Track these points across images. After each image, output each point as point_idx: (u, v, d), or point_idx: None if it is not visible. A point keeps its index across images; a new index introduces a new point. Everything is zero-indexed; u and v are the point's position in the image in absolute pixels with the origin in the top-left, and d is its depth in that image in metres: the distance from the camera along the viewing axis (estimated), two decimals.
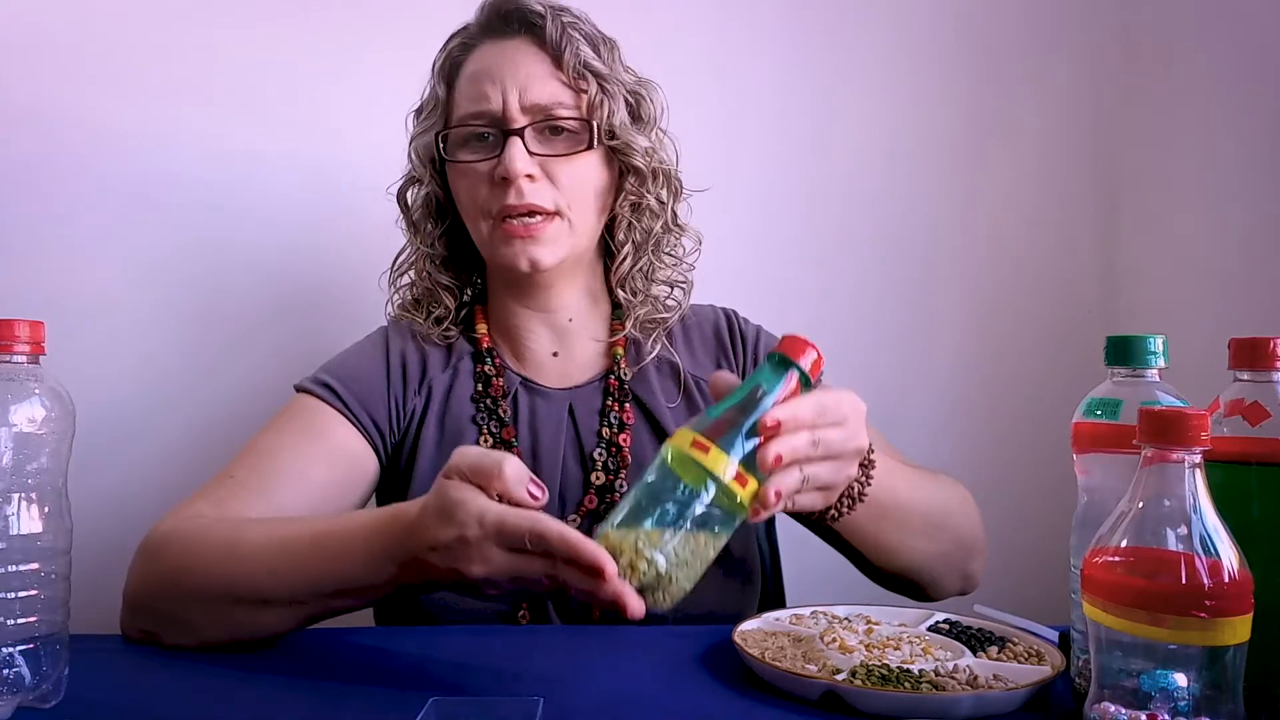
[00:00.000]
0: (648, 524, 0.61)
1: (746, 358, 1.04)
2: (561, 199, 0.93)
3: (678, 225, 1.02)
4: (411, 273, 1.03)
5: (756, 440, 0.63)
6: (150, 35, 1.32)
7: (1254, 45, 1.27)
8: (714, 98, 1.45)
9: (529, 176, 0.91)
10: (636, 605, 0.60)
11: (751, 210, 1.47)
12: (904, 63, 1.50)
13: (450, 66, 0.98)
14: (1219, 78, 1.34)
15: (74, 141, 1.31)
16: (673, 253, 1.03)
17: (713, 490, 0.62)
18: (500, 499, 0.64)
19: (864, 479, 0.80)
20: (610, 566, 0.59)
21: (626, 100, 0.96)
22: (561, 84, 0.93)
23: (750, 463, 0.63)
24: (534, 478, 0.65)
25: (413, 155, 1.00)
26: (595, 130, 0.93)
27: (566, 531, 0.61)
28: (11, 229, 1.29)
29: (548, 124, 0.93)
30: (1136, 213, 1.50)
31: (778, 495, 0.64)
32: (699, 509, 0.61)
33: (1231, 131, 1.31)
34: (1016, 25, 1.52)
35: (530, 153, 0.91)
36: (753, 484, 0.63)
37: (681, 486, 0.61)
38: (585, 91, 0.94)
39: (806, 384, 0.67)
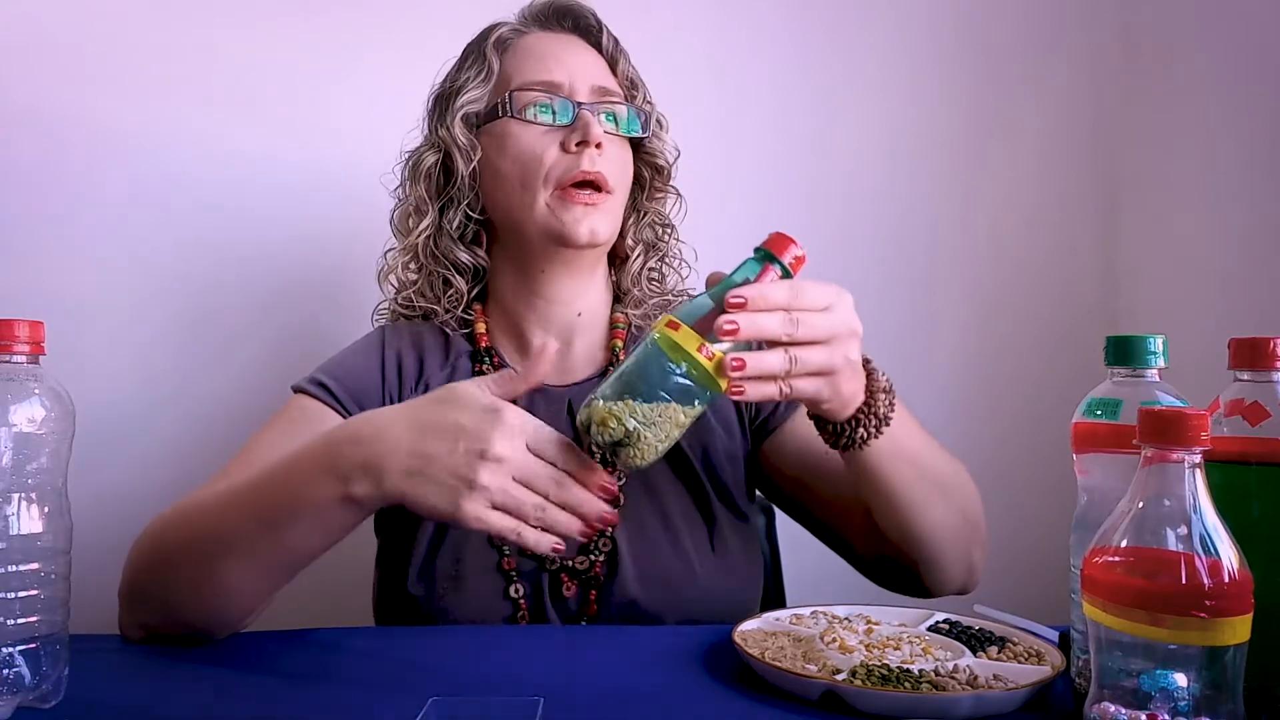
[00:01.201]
0: (627, 394, 0.67)
1: None
2: (616, 179, 0.96)
3: (674, 232, 1.08)
4: (421, 256, 1.01)
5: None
6: (150, 35, 1.32)
7: (1254, 45, 1.27)
8: (713, 97, 1.45)
9: (598, 146, 0.94)
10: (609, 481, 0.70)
11: (751, 210, 1.47)
12: (904, 63, 1.50)
13: (502, 45, 1.00)
14: (1219, 78, 1.34)
15: (74, 141, 1.31)
16: (672, 252, 1.08)
17: (683, 365, 0.67)
18: None
19: (888, 402, 0.80)
20: (613, 486, 0.70)
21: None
22: (617, 84, 1.00)
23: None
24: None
25: (457, 125, 0.97)
26: (647, 121, 1.00)
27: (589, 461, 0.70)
28: (11, 229, 1.29)
29: (610, 107, 0.97)
30: (1136, 213, 1.50)
31: (739, 363, 0.67)
32: (672, 381, 0.67)
33: (1231, 131, 1.31)
34: (1016, 25, 1.52)
35: None
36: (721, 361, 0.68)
37: (657, 362, 0.67)
38: (634, 99, 1.01)
39: (788, 277, 0.70)
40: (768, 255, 0.70)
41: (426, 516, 0.73)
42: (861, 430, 0.79)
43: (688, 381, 0.67)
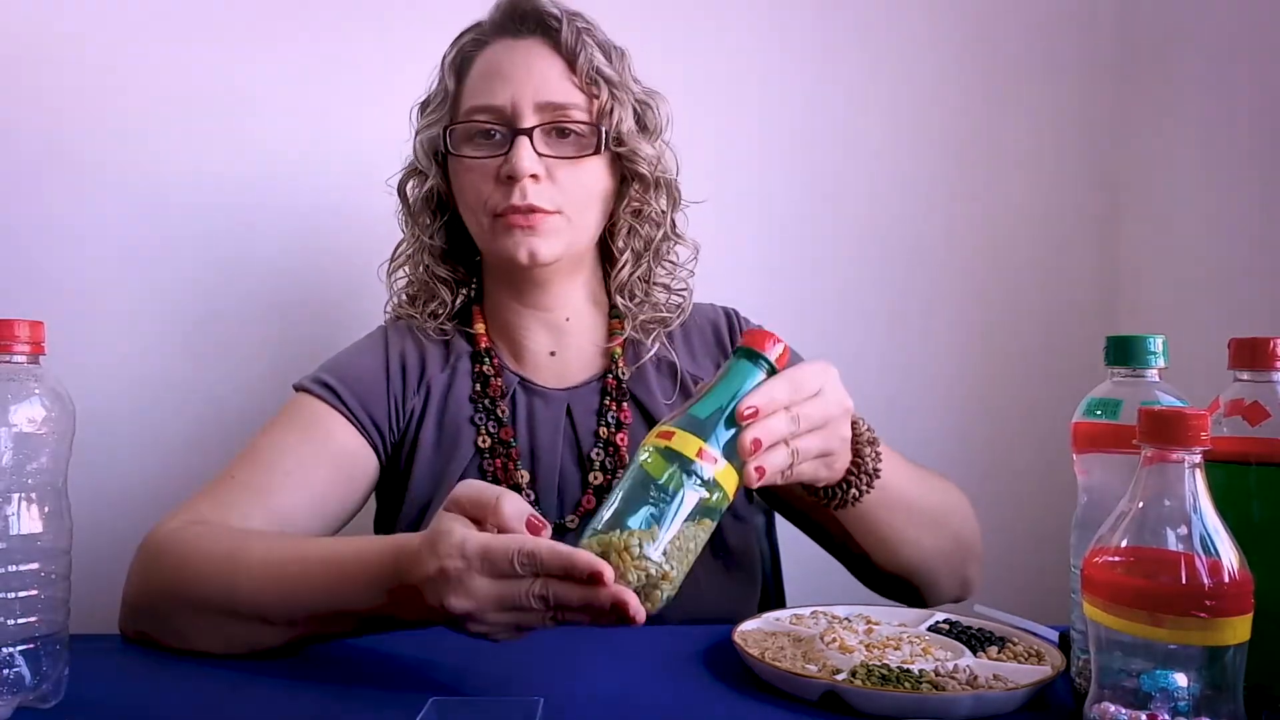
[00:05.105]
0: (634, 524, 0.61)
1: None
2: (563, 200, 0.93)
3: (676, 234, 1.03)
4: (408, 266, 1.03)
5: (734, 430, 0.65)
6: (154, 35, 1.32)
7: (1253, 46, 1.27)
8: (711, 100, 1.45)
9: (534, 176, 0.91)
10: (638, 606, 0.60)
11: (747, 213, 1.47)
12: (902, 64, 1.50)
13: (461, 61, 0.98)
14: (1218, 78, 1.34)
15: (75, 141, 1.31)
16: (672, 260, 1.04)
17: (691, 481, 0.62)
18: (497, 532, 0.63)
19: (874, 455, 0.80)
20: (608, 570, 0.59)
21: (634, 109, 0.97)
22: (574, 87, 0.94)
23: (730, 451, 0.64)
24: (535, 513, 0.65)
25: (418, 148, 0.99)
26: (603, 135, 0.94)
27: (556, 545, 0.60)
28: (12, 229, 1.29)
29: (556, 125, 0.93)
30: (1136, 213, 1.50)
31: (759, 472, 0.66)
32: (681, 502, 0.62)
33: (1231, 132, 1.31)
34: (1016, 25, 1.52)
35: (538, 153, 0.92)
36: (731, 470, 0.64)
37: (661, 482, 0.62)
38: (597, 97, 0.94)
39: (772, 374, 0.69)
40: (754, 355, 0.68)
41: None
42: (853, 490, 0.80)
43: (698, 500, 0.62)
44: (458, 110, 0.97)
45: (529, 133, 0.92)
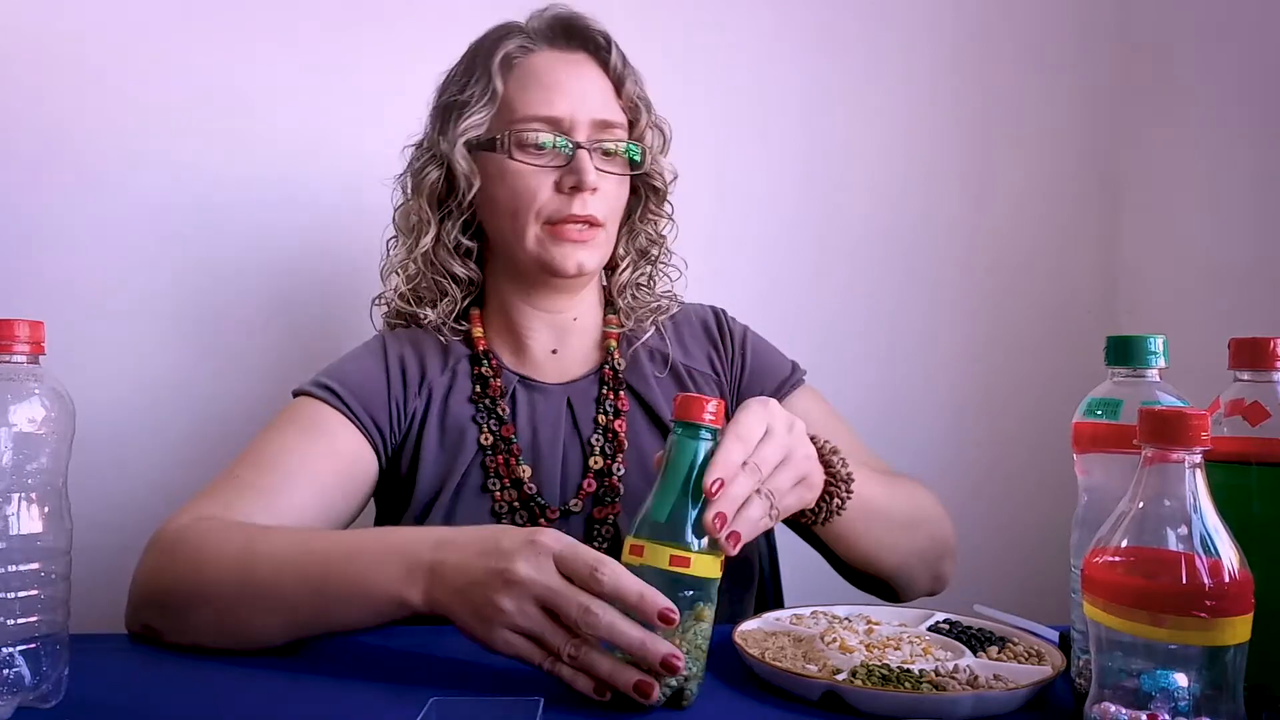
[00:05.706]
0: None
1: (734, 353, 1.07)
2: (607, 213, 0.98)
3: (667, 243, 1.09)
4: (419, 262, 1.01)
5: (700, 509, 0.65)
6: (152, 33, 1.32)
7: (1253, 45, 1.27)
8: (711, 99, 1.45)
9: (593, 189, 0.95)
10: (677, 662, 0.62)
11: (748, 212, 1.47)
12: (904, 64, 1.50)
13: (507, 64, 0.98)
14: (1219, 78, 1.34)
15: (74, 141, 1.31)
16: (665, 259, 1.09)
17: (678, 588, 0.63)
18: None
19: (842, 461, 0.82)
20: (676, 613, 0.62)
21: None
22: (619, 108, 1.00)
23: (702, 531, 0.65)
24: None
25: (459, 146, 0.97)
26: (647, 155, 1.00)
27: (638, 580, 0.63)
28: (12, 229, 1.29)
29: (605, 144, 0.97)
30: (1137, 212, 1.50)
31: (734, 539, 0.66)
32: (681, 601, 0.63)
33: (1231, 131, 1.31)
34: (1017, 25, 1.52)
35: (596, 168, 0.96)
36: (710, 556, 0.65)
37: (669, 587, 0.63)
38: (636, 120, 1.01)
39: (714, 435, 0.68)
40: (689, 427, 0.66)
41: (470, 639, 0.69)
42: (836, 500, 0.81)
43: (691, 592, 0.64)
44: (510, 113, 0.97)
45: (589, 148, 0.95)
